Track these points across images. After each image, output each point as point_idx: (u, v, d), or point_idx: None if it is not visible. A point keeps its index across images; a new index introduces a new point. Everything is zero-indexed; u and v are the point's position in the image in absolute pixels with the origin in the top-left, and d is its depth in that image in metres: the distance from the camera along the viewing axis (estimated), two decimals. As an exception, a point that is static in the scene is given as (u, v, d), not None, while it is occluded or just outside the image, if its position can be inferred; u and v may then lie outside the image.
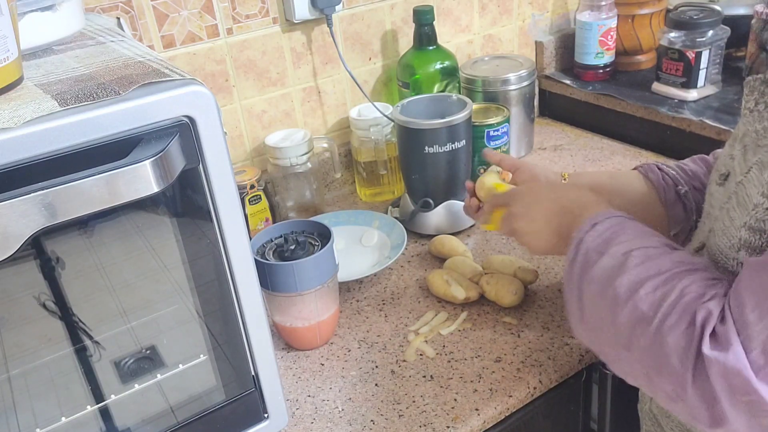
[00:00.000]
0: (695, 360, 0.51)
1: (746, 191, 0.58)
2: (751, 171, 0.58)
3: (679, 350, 0.52)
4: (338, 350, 0.88)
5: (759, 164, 0.57)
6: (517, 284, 0.91)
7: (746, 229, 0.57)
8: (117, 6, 0.99)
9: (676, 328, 0.52)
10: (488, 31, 1.39)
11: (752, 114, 0.60)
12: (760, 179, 0.56)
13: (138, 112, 0.52)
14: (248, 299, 0.65)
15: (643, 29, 1.40)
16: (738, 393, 0.49)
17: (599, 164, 1.28)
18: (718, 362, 0.49)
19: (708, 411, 0.51)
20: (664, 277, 0.56)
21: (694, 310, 0.52)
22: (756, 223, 0.56)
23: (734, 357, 0.49)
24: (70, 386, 0.63)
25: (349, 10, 1.20)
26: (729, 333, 0.50)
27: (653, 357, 0.54)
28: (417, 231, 1.10)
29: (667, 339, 0.53)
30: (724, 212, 0.61)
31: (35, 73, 0.60)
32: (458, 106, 1.07)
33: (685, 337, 0.52)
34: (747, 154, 0.60)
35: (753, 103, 0.60)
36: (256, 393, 0.70)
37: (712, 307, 0.52)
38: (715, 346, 0.50)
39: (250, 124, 1.17)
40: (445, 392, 0.79)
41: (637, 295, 0.56)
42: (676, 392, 0.53)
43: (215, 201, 0.59)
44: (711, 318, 0.51)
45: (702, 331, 0.51)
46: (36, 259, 0.56)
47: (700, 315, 0.52)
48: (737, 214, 0.59)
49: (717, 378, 0.50)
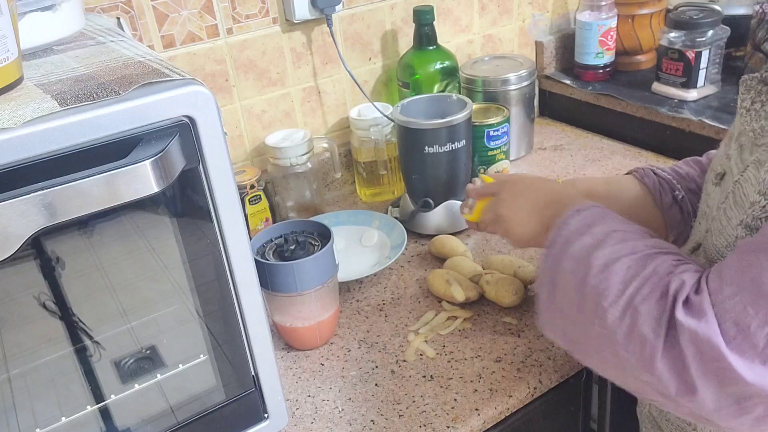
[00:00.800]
0: (667, 327, 0.52)
1: (743, 190, 0.58)
2: (747, 170, 0.58)
3: (652, 319, 0.53)
4: (338, 350, 0.88)
5: (756, 163, 0.57)
6: (517, 284, 0.91)
7: (743, 227, 0.57)
8: (117, 6, 0.99)
9: (649, 298, 0.53)
10: (488, 31, 1.39)
11: (749, 113, 0.60)
12: (757, 177, 0.56)
13: (138, 112, 0.52)
14: (248, 299, 0.65)
15: (643, 29, 1.40)
16: (708, 360, 0.50)
17: (599, 164, 1.28)
18: (690, 329, 0.50)
19: (677, 379, 0.52)
20: (639, 256, 0.57)
21: (667, 281, 0.53)
22: (752, 222, 0.56)
23: (706, 325, 0.50)
24: (70, 386, 0.63)
25: (349, 10, 1.20)
26: (703, 303, 0.51)
27: (623, 329, 0.54)
28: (417, 231, 1.10)
29: (640, 308, 0.53)
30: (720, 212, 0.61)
31: (35, 73, 0.60)
32: (458, 106, 1.07)
33: (657, 307, 0.53)
34: (743, 153, 0.60)
35: (749, 102, 0.60)
36: (256, 393, 0.70)
37: (686, 278, 0.53)
38: (688, 312, 0.51)
39: (250, 124, 1.17)
40: (445, 392, 0.79)
41: (610, 269, 0.57)
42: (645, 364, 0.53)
43: (215, 201, 0.59)
44: (684, 287, 0.52)
45: (675, 299, 0.52)
46: (36, 259, 0.56)
47: (673, 285, 0.53)
48: (734, 213, 0.59)
49: (688, 344, 0.50)
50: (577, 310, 0.59)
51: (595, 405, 0.94)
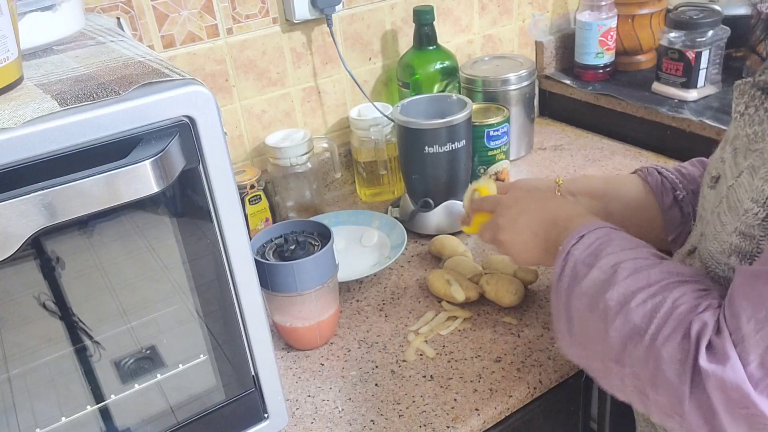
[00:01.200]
0: (692, 373, 0.50)
1: (737, 196, 0.57)
2: (742, 175, 0.58)
3: (675, 363, 0.51)
4: (338, 350, 0.88)
5: (750, 169, 0.56)
6: (517, 284, 0.91)
7: (737, 234, 0.56)
8: (117, 6, 0.99)
9: (671, 340, 0.52)
10: (488, 31, 1.39)
11: (742, 118, 0.59)
12: (751, 184, 0.55)
13: (138, 112, 0.52)
14: (248, 299, 0.65)
15: (643, 29, 1.40)
16: (736, 406, 0.49)
17: (599, 164, 1.28)
18: (716, 376, 0.49)
19: (706, 425, 0.51)
20: (655, 289, 0.55)
21: (688, 321, 0.52)
22: (746, 229, 0.55)
23: (732, 371, 0.48)
24: (70, 386, 0.63)
25: (349, 10, 1.20)
26: (726, 345, 0.49)
27: (648, 370, 0.53)
28: (417, 231, 1.10)
29: (662, 351, 0.52)
30: (715, 216, 0.61)
31: (35, 73, 0.60)
32: (458, 106, 1.07)
33: (680, 349, 0.51)
34: (737, 158, 0.59)
35: (743, 107, 0.59)
36: (256, 393, 0.70)
37: (707, 319, 0.51)
38: (712, 359, 0.49)
39: (250, 124, 1.17)
40: (445, 392, 0.79)
41: (628, 307, 0.55)
42: (673, 406, 0.52)
43: (215, 201, 0.59)
44: (706, 329, 0.51)
45: (698, 344, 0.50)
46: (36, 259, 0.56)
47: (695, 327, 0.51)
48: (728, 219, 0.58)
49: (715, 392, 0.49)
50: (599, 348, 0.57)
51: (595, 405, 0.94)
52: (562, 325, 0.63)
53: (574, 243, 0.63)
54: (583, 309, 0.59)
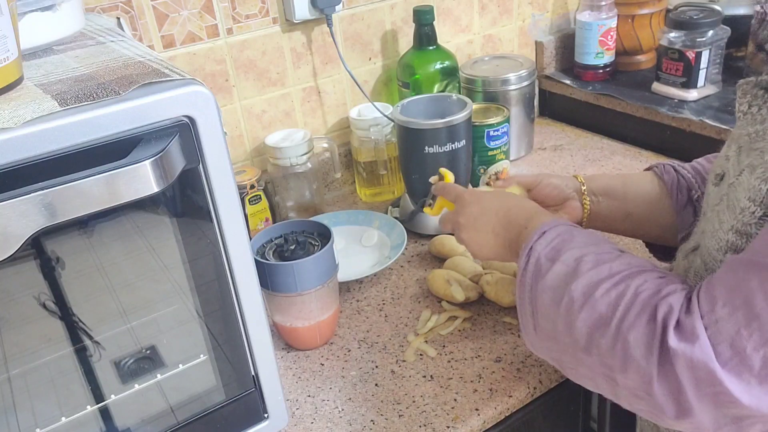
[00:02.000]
0: (659, 353, 0.52)
1: (736, 194, 0.58)
2: (742, 174, 0.58)
3: (642, 345, 0.52)
4: (338, 350, 0.88)
5: (749, 167, 0.57)
6: None
7: (733, 232, 0.57)
8: (117, 6, 0.99)
9: (637, 324, 0.53)
10: (488, 31, 1.39)
11: (745, 117, 0.60)
12: (749, 183, 0.56)
13: (138, 112, 0.52)
14: (248, 299, 0.65)
15: (643, 29, 1.40)
16: (704, 384, 0.50)
17: (599, 164, 1.28)
18: (685, 354, 0.50)
19: (674, 403, 0.52)
20: (617, 278, 0.57)
21: (653, 305, 0.53)
22: (742, 227, 0.56)
23: (700, 349, 0.50)
24: (70, 386, 0.63)
25: (349, 10, 1.20)
26: (695, 325, 0.50)
27: (616, 356, 0.54)
28: (417, 231, 1.10)
29: (629, 336, 0.53)
30: (714, 214, 0.61)
31: (35, 73, 0.60)
32: (458, 106, 1.07)
33: (647, 331, 0.53)
34: (741, 156, 0.60)
35: (746, 106, 0.60)
36: (256, 393, 0.70)
37: (673, 301, 0.53)
38: (681, 338, 0.51)
39: (250, 124, 1.17)
40: (445, 392, 0.79)
41: (592, 298, 0.57)
42: (642, 388, 0.53)
43: (215, 201, 0.59)
44: (672, 311, 0.52)
45: (665, 325, 0.52)
46: (36, 259, 0.56)
47: (661, 310, 0.53)
48: (726, 217, 0.59)
49: (683, 370, 0.50)
50: (568, 338, 0.59)
51: (595, 405, 0.94)
52: (527, 321, 0.64)
53: (536, 239, 0.64)
54: (548, 303, 0.60)
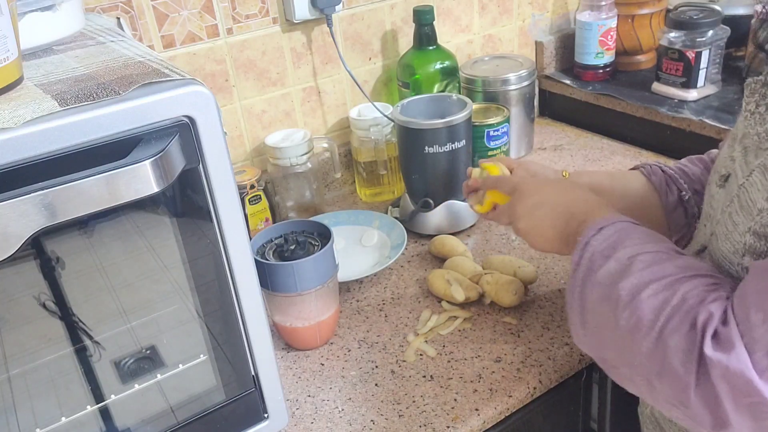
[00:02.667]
0: (698, 363, 0.50)
1: (749, 195, 0.57)
2: (753, 174, 0.57)
3: (681, 353, 0.51)
4: (338, 350, 0.88)
5: (762, 168, 0.56)
6: (517, 284, 0.91)
7: (751, 234, 0.56)
8: (117, 6, 0.99)
9: (678, 331, 0.52)
10: (488, 31, 1.39)
11: (753, 116, 0.59)
12: (764, 183, 0.55)
13: (138, 112, 0.52)
14: (248, 299, 0.65)
15: (643, 29, 1.40)
16: (741, 395, 0.49)
17: (599, 164, 1.28)
18: (721, 364, 0.49)
19: (711, 414, 0.51)
20: (667, 281, 0.55)
21: (696, 313, 0.52)
22: (761, 229, 0.55)
23: (737, 359, 0.48)
24: (70, 386, 0.63)
25: (349, 10, 1.20)
26: (731, 335, 0.49)
27: (655, 361, 0.53)
28: (417, 231, 1.10)
29: (669, 342, 0.52)
30: (726, 216, 0.60)
31: (35, 73, 0.60)
32: (458, 106, 1.07)
33: (686, 340, 0.51)
34: (748, 156, 0.59)
35: (754, 106, 0.59)
36: (256, 393, 0.70)
37: (713, 309, 0.51)
38: (717, 347, 0.49)
39: (250, 124, 1.17)
40: (445, 392, 0.79)
41: (638, 299, 0.55)
42: (678, 397, 0.52)
43: (215, 201, 0.59)
44: (712, 319, 0.51)
45: (703, 333, 0.50)
46: (36, 259, 0.56)
47: (701, 317, 0.51)
48: (741, 219, 0.58)
49: (719, 380, 0.49)
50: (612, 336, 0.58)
51: (595, 405, 0.94)
52: (575, 316, 0.63)
53: (593, 234, 0.62)
54: (597, 299, 0.59)
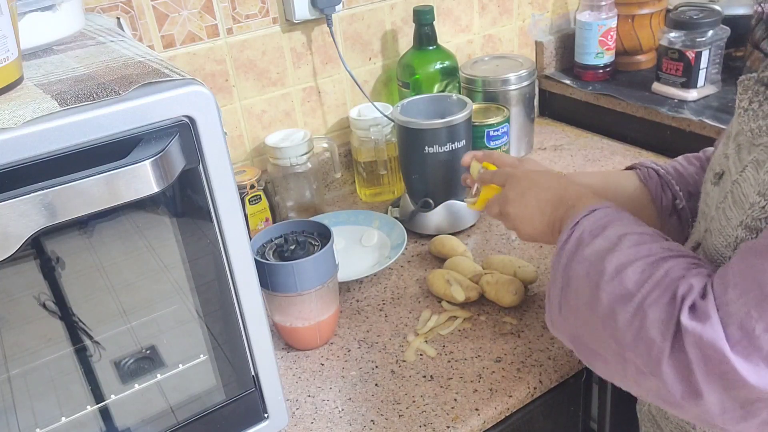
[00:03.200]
0: (674, 331, 0.52)
1: (742, 190, 0.58)
2: (746, 169, 0.58)
3: (659, 322, 0.53)
4: (338, 350, 0.88)
5: (755, 163, 0.57)
6: (517, 284, 0.91)
7: (743, 228, 0.57)
8: (117, 6, 0.99)
9: (658, 302, 0.53)
10: (488, 31, 1.39)
11: (746, 113, 0.60)
12: (757, 178, 0.56)
13: (138, 112, 0.52)
14: (248, 299, 0.65)
15: (643, 29, 1.40)
16: (712, 364, 0.50)
17: (599, 164, 1.28)
18: (695, 333, 0.50)
19: (682, 383, 0.52)
20: (652, 260, 0.57)
21: (676, 285, 0.53)
22: (752, 222, 0.56)
23: (711, 329, 0.50)
24: (70, 386, 0.63)
25: (349, 10, 1.20)
26: (708, 307, 0.51)
27: (631, 331, 0.54)
28: (417, 231, 1.10)
29: (648, 312, 0.54)
30: (720, 212, 0.61)
31: (35, 73, 0.60)
32: (458, 106, 1.07)
33: (665, 310, 0.53)
34: (741, 153, 0.60)
35: (747, 102, 0.60)
36: (256, 393, 0.70)
37: (694, 282, 0.53)
38: (693, 317, 0.51)
39: (250, 124, 1.17)
40: (445, 392, 0.79)
41: (624, 273, 0.57)
42: (651, 365, 0.53)
43: (215, 201, 0.59)
44: (692, 291, 0.52)
45: (682, 303, 0.52)
46: (36, 259, 0.56)
47: (681, 289, 0.53)
48: (733, 213, 0.59)
49: (692, 348, 0.50)
50: (589, 311, 0.59)
51: (595, 405, 0.94)
52: (554, 296, 0.64)
53: (585, 215, 0.64)
54: (581, 274, 0.60)
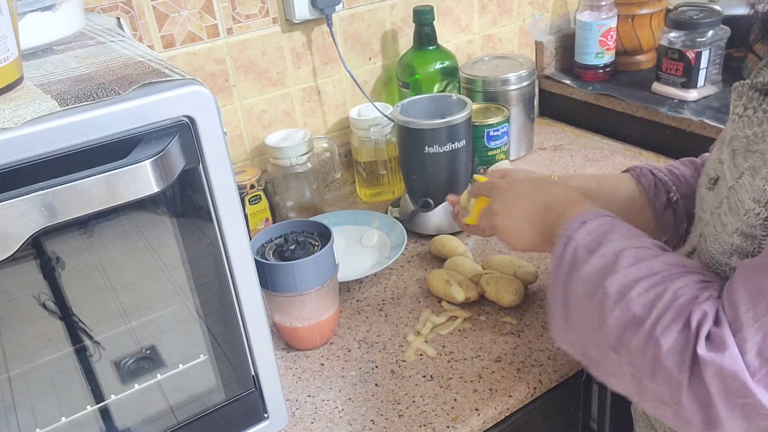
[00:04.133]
0: (691, 362, 0.50)
1: (738, 196, 0.57)
2: (743, 176, 0.57)
3: (675, 352, 0.51)
4: (338, 350, 0.88)
5: (751, 170, 0.56)
6: (517, 284, 0.91)
7: (738, 234, 0.56)
8: (117, 6, 0.99)
9: (671, 329, 0.52)
10: (488, 31, 1.39)
11: (741, 119, 0.59)
12: (753, 185, 0.55)
13: (138, 112, 0.52)
14: (248, 299, 0.65)
15: (643, 29, 1.40)
16: (734, 395, 0.49)
17: (599, 164, 1.28)
18: (714, 364, 0.49)
19: (702, 414, 0.50)
20: (657, 279, 0.55)
21: (689, 311, 0.52)
22: (748, 229, 0.55)
23: (730, 359, 0.48)
24: (70, 386, 0.63)
25: (349, 10, 1.20)
26: (724, 334, 0.49)
27: (645, 360, 0.53)
28: (417, 231, 1.10)
29: (661, 341, 0.52)
30: (715, 217, 0.60)
31: (35, 73, 0.60)
32: (458, 106, 1.07)
33: (680, 338, 0.51)
34: (736, 159, 0.59)
35: (741, 109, 0.59)
36: (256, 393, 0.70)
37: (707, 309, 0.51)
38: (711, 347, 0.49)
39: (250, 124, 1.17)
40: (445, 392, 0.79)
41: (629, 296, 0.55)
42: (671, 395, 0.52)
43: (215, 201, 0.59)
44: (706, 319, 0.51)
45: (697, 333, 0.50)
46: (36, 259, 0.56)
47: (695, 316, 0.51)
48: (729, 220, 0.58)
49: (713, 380, 0.49)
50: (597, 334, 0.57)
51: (595, 405, 0.94)
52: (557, 311, 0.62)
53: (576, 228, 0.62)
54: (582, 295, 0.58)
